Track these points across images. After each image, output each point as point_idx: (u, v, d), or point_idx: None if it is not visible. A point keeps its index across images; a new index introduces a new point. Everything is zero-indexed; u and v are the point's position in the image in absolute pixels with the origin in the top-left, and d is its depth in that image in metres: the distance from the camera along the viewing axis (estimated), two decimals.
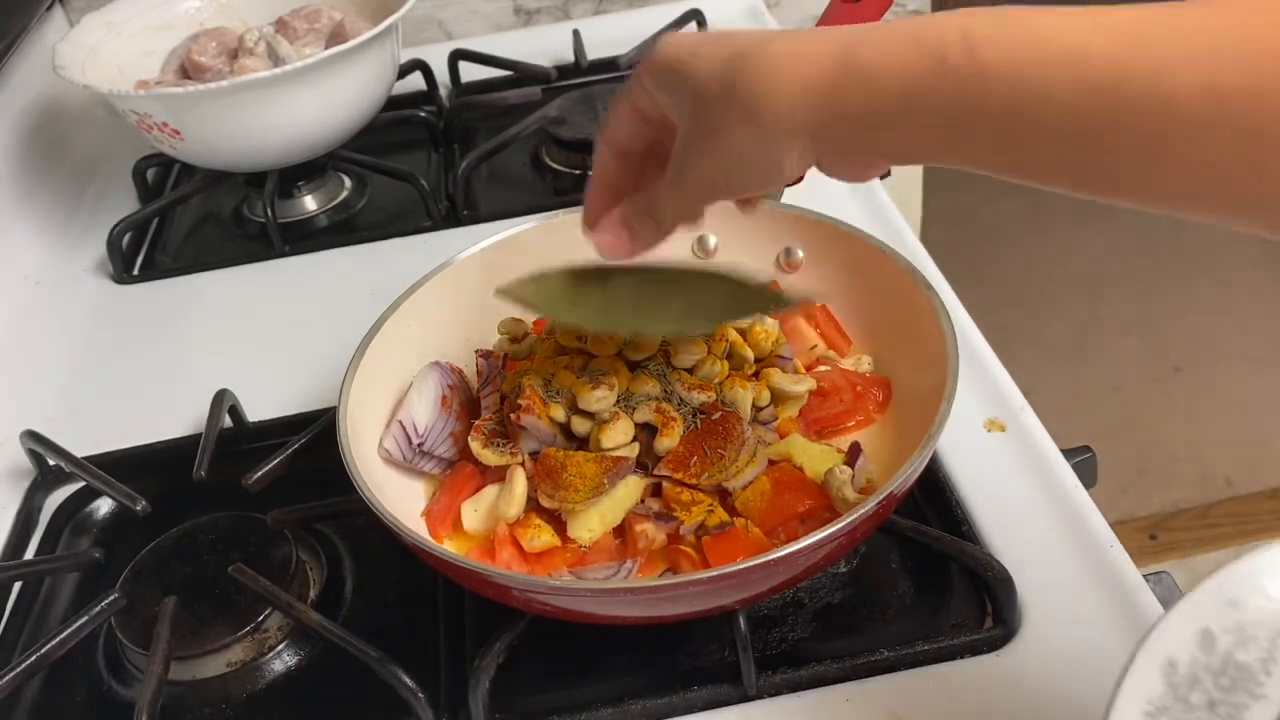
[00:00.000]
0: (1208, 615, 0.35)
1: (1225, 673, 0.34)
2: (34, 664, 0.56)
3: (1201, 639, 0.34)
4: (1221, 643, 0.34)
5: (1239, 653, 0.34)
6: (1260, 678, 0.34)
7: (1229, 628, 0.35)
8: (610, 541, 0.56)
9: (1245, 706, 0.33)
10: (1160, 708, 0.33)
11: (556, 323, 0.61)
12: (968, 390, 0.68)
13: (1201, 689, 0.33)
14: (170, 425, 0.75)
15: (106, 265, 0.94)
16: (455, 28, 1.28)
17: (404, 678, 0.54)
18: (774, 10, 1.24)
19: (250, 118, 0.86)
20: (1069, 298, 2.18)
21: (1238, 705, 0.33)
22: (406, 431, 0.61)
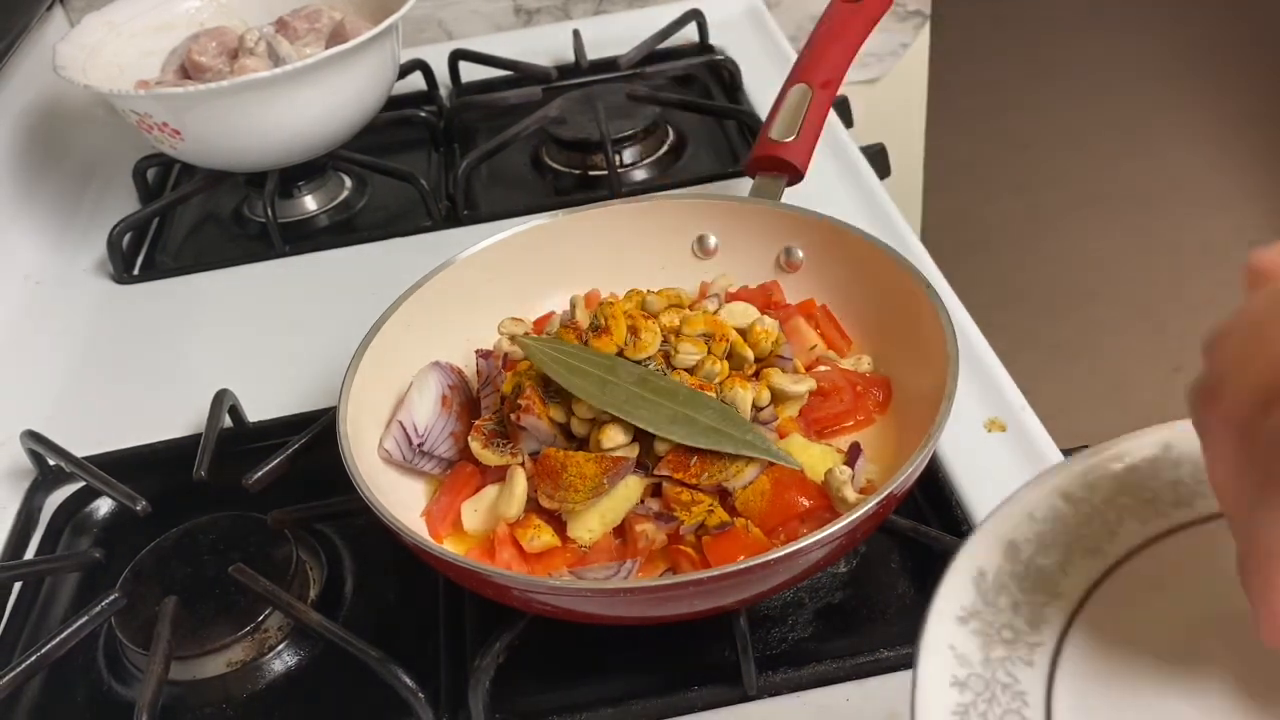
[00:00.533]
0: (1012, 529, 0.39)
1: (1028, 577, 0.38)
2: (34, 664, 0.56)
3: (1007, 549, 0.38)
4: (1024, 551, 0.38)
5: (1039, 558, 0.38)
6: (1058, 578, 0.38)
7: (1030, 538, 0.38)
8: (610, 541, 0.57)
9: (1045, 604, 0.37)
10: (972, 612, 0.36)
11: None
12: (968, 390, 0.68)
13: (1007, 593, 0.37)
14: (170, 425, 0.75)
15: (106, 265, 0.94)
16: (455, 28, 1.28)
17: (404, 678, 0.54)
18: (774, 10, 1.24)
19: (250, 118, 0.86)
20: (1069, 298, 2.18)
21: (1038, 604, 0.37)
22: (406, 431, 0.61)
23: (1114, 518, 0.39)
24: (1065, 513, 0.39)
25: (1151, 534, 0.39)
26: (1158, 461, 0.40)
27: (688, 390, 0.57)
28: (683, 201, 0.73)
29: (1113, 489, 0.40)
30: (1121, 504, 0.40)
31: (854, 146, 0.95)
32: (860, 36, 0.81)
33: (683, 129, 1.02)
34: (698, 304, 0.67)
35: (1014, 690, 0.35)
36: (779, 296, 0.70)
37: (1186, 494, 0.40)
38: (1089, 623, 0.37)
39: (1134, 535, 0.39)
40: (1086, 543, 0.39)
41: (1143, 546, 0.39)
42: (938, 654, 0.35)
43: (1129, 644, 0.36)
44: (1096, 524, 0.39)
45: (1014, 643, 0.36)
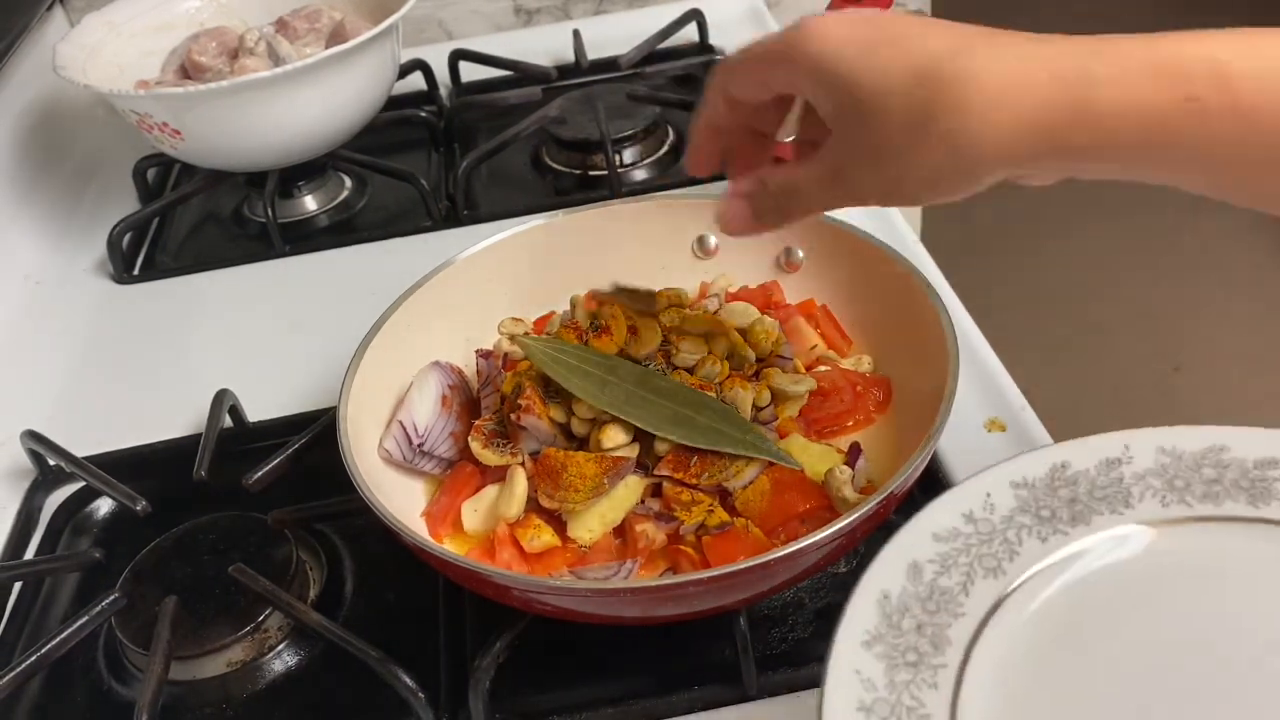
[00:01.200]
0: (915, 550, 0.39)
1: (931, 598, 0.38)
2: (34, 664, 0.56)
3: (910, 571, 0.39)
4: (927, 572, 0.39)
5: (942, 579, 0.39)
6: (960, 598, 0.38)
7: (933, 558, 0.39)
8: (610, 541, 0.57)
9: (948, 625, 0.38)
10: (876, 636, 0.37)
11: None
12: (968, 390, 0.68)
13: (911, 615, 0.38)
14: (170, 425, 0.75)
15: (106, 265, 0.94)
16: (455, 28, 1.28)
17: (404, 678, 0.54)
18: (774, 10, 1.24)
19: (250, 118, 0.86)
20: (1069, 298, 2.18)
21: (941, 625, 0.38)
22: (407, 431, 0.61)
23: (1014, 537, 0.40)
24: (967, 532, 0.40)
25: (1050, 551, 0.40)
26: (1054, 479, 0.41)
27: (688, 390, 0.57)
28: (683, 201, 0.73)
29: (1013, 508, 0.41)
30: (1021, 523, 0.40)
31: None
32: None
33: (683, 129, 1.02)
34: (698, 304, 0.67)
35: (919, 714, 0.35)
36: (779, 296, 0.70)
37: (1083, 511, 0.41)
38: (991, 642, 0.37)
39: (1034, 554, 0.40)
40: (988, 562, 0.39)
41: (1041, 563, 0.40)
42: (844, 680, 0.36)
43: (1032, 662, 0.37)
44: (997, 543, 0.40)
45: (918, 665, 0.36)
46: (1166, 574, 0.39)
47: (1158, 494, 0.41)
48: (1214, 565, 0.39)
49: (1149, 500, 0.41)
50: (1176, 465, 0.42)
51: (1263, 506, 0.40)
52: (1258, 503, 0.40)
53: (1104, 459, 0.42)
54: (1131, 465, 0.42)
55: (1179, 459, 0.42)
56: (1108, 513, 0.41)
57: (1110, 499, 0.41)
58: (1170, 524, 0.40)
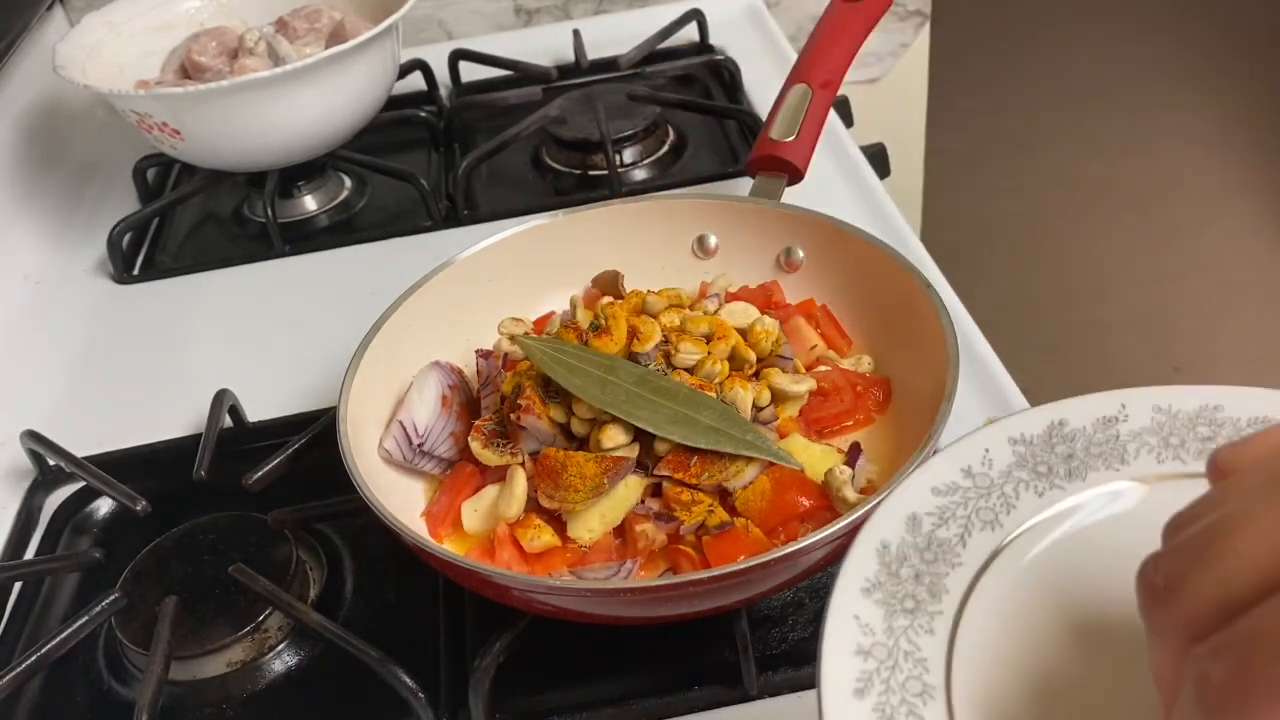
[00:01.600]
0: (914, 502, 0.40)
1: (929, 549, 0.39)
2: (34, 664, 0.56)
3: (909, 522, 0.39)
4: (925, 524, 0.40)
5: (940, 530, 0.39)
6: (958, 549, 0.39)
7: (931, 511, 0.40)
8: (610, 541, 0.57)
9: (945, 575, 0.38)
10: (875, 583, 0.38)
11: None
12: (968, 390, 0.68)
13: (909, 564, 0.38)
14: (170, 425, 0.75)
15: (106, 265, 0.94)
16: (455, 27, 1.28)
17: (404, 678, 0.54)
18: (774, 10, 1.24)
19: (250, 118, 0.86)
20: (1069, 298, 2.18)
21: (939, 574, 0.38)
22: (406, 431, 0.61)
23: (1011, 491, 0.41)
24: (965, 486, 0.41)
25: (1046, 505, 0.41)
26: (1052, 436, 0.42)
27: (688, 390, 0.57)
28: (683, 201, 0.73)
29: (1010, 463, 0.42)
30: (1018, 478, 0.41)
31: (854, 146, 0.95)
32: (860, 36, 0.81)
33: (683, 129, 1.02)
34: (698, 304, 0.67)
35: (916, 658, 0.36)
36: (779, 296, 0.70)
37: (1079, 467, 0.41)
38: (987, 591, 0.38)
39: (1031, 508, 0.41)
40: (985, 515, 0.40)
41: (1038, 516, 0.40)
42: (843, 624, 0.36)
43: (1025, 611, 0.38)
44: (995, 497, 0.41)
45: (915, 612, 0.37)
46: (1159, 528, 0.41)
47: (1153, 451, 0.42)
48: None
49: (1144, 457, 0.42)
50: (1172, 423, 0.42)
51: None
52: None
53: (1101, 417, 0.43)
54: (1128, 423, 0.43)
55: (1174, 417, 0.42)
56: (1104, 469, 0.41)
57: (1106, 455, 0.42)
58: (1164, 480, 0.41)
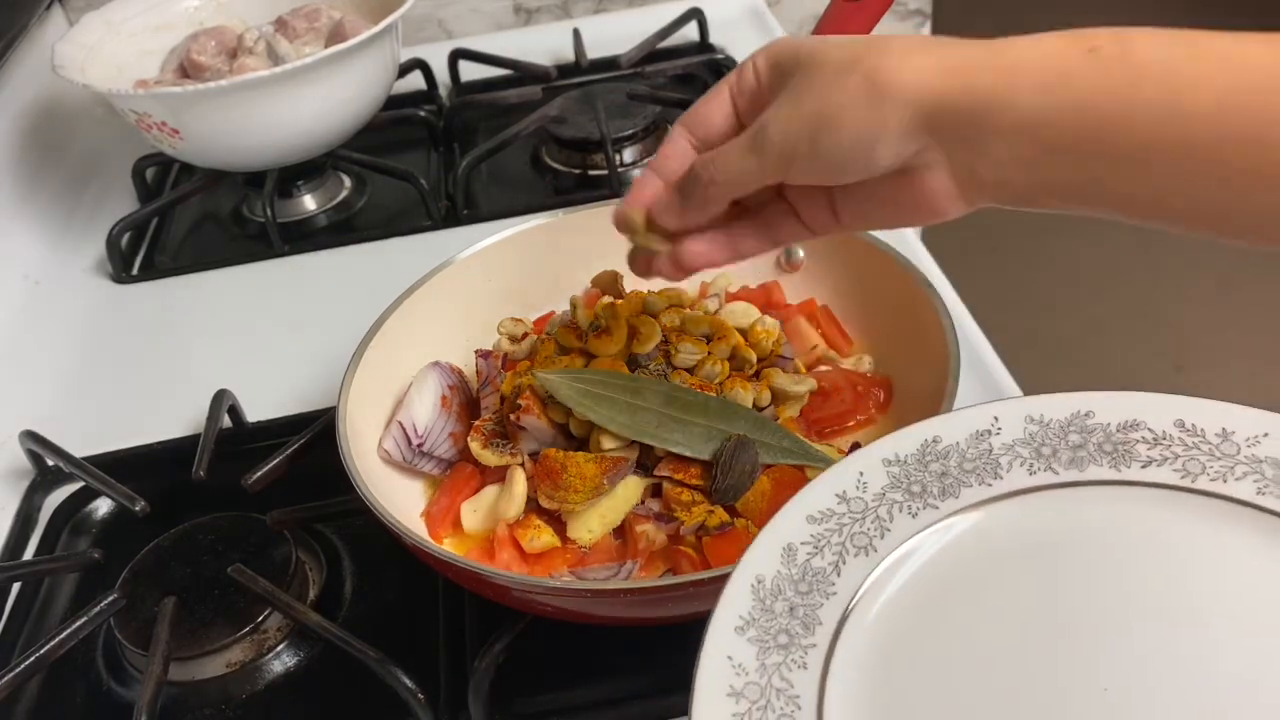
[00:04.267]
0: (789, 533, 0.40)
1: (804, 579, 0.38)
2: (34, 664, 0.56)
3: (785, 553, 0.39)
4: (800, 554, 0.39)
5: (814, 560, 0.39)
6: (833, 578, 0.39)
7: (806, 540, 0.39)
8: (610, 542, 0.56)
9: (820, 605, 0.38)
10: (749, 620, 0.37)
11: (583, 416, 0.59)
12: (968, 390, 0.68)
13: (784, 598, 0.38)
14: (170, 425, 0.75)
15: (106, 265, 0.94)
16: (455, 27, 1.28)
17: (404, 678, 0.54)
18: (774, 9, 1.24)
19: (250, 117, 0.86)
20: (1069, 298, 2.18)
21: (813, 605, 0.38)
22: (406, 432, 0.61)
23: (885, 514, 0.40)
24: (840, 512, 0.40)
25: (921, 526, 0.40)
26: (925, 455, 0.42)
27: (718, 402, 0.57)
28: None
29: (885, 485, 0.41)
30: (892, 500, 0.41)
31: None
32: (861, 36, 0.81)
33: None
34: (698, 304, 0.67)
35: (788, 695, 0.35)
36: (779, 296, 0.69)
37: (953, 485, 0.41)
38: (861, 619, 0.38)
39: (905, 529, 0.40)
40: (859, 541, 0.40)
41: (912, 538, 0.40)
42: (715, 665, 0.36)
43: (899, 636, 0.38)
44: (869, 521, 0.40)
45: (789, 647, 0.37)
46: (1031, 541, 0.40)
47: (1025, 463, 0.42)
48: (1077, 528, 0.40)
49: (1017, 469, 0.42)
50: (1044, 433, 0.42)
51: (1124, 469, 0.41)
52: (1119, 466, 0.41)
53: (974, 431, 0.43)
54: (1000, 436, 0.42)
55: (1046, 427, 0.43)
56: (977, 484, 0.41)
57: (979, 470, 0.42)
58: (1037, 491, 0.41)
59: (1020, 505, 0.41)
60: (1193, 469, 0.40)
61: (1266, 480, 0.39)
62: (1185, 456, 0.41)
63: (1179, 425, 0.42)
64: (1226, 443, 0.41)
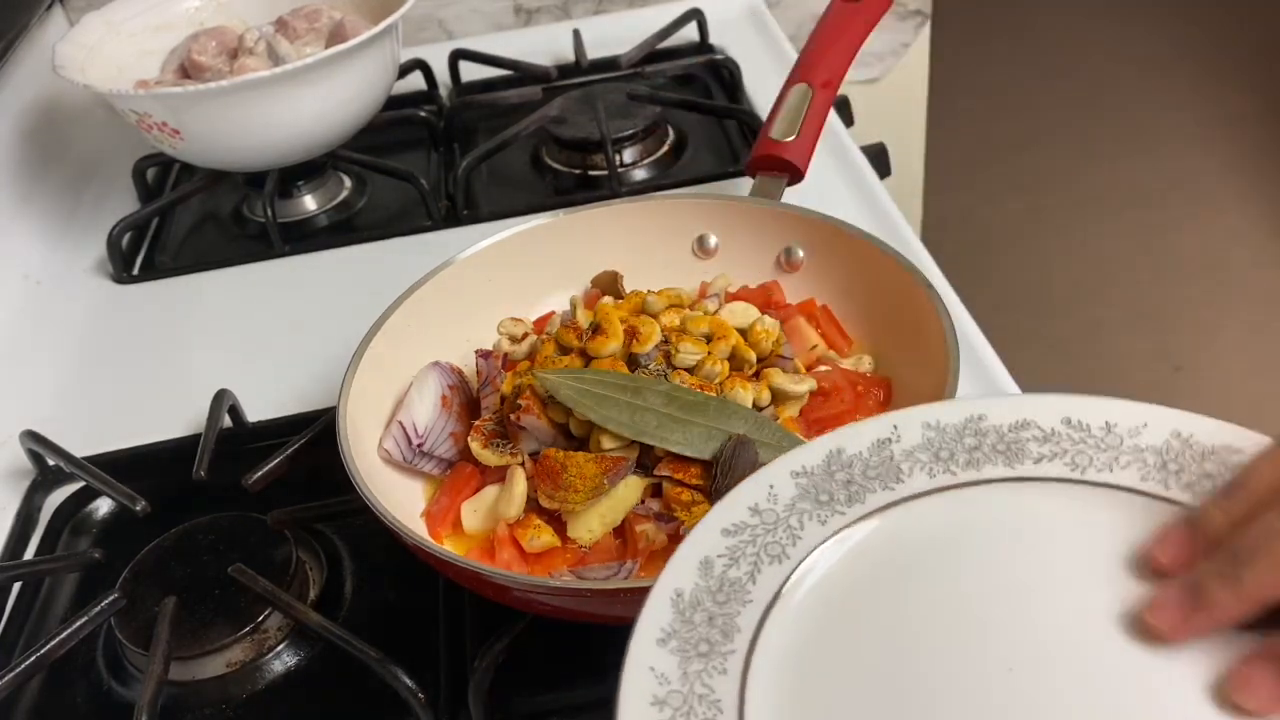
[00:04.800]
0: (707, 546, 0.41)
1: (721, 590, 0.40)
2: (34, 664, 0.56)
3: (702, 567, 0.40)
4: (717, 566, 0.40)
5: (731, 571, 0.40)
6: (748, 587, 0.40)
7: (722, 552, 0.41)
8: (610, 542, 0.56)
9: (737, 614, 0.39)
10: (670, 632, 0.38)
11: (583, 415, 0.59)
12: (968, 390, 0.68)
13: (702, 609, 0.39)
14: (170, 425, 0.75)
15: (106, 265, 0.94)
16: (455, 27, 1.28)
17: (404, 678, 0.54)
18: (774, 10, 1.24)
19: (250, 117, 0.86)
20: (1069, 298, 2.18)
21: (731, 614, 0.39)
22: (406, 432, 0.61)
23: (796, 523, 0.42)
24: (753, 524, 0.42)
25: (830, 532, 0.42)
26: (831, 465, 0.44)
27: (718, 402, 0.57)
28: (683, 201, 0.73)
29: (794, 496, 0.43)
30: (802, 509, 0.42)
31: (854, 146, 0.95)
32: (860, 36, 0.81)
33: (683, 129, 1.02)
34: (698, 304, 0.67)
35: (709, 700, 0.37)
36: (779, 296, 0.69)
37: (858, 492, 0.43)
38: (777, 623, 0.39)
39: (815, 536, 0.42)
40: (772, 550, 0.41)
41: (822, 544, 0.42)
42: (638, 676, 0.37)
43: (814, 638, 0.39)
44: (780, 531, 0.42)
45: (709, 654, 0.38)
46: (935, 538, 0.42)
47: (925, 466, 0.44)
48: (977, 523, 0.42)
49: (918, 473, 0.44)
50: (941, 438, 0.44)
51: (1018, 465, 0.43)
52: (1013, 463, 0.43)
53: (875, 440, 0.44)
54: (900, 443, 0.44)
55: (942, 432, 0.44)
56: (880, 489, 0.43)
57: (883, 476, 0.44)
58: (938, 492, 0.43)
59: (923, 506, 0.43)
60: (1081, 461, 0.43)
61: (1148, 467, 0.42)
62: (1074, 451, 0.43)
63: (1066, 422, 0.44)
64: (1110, 435, 0.43)
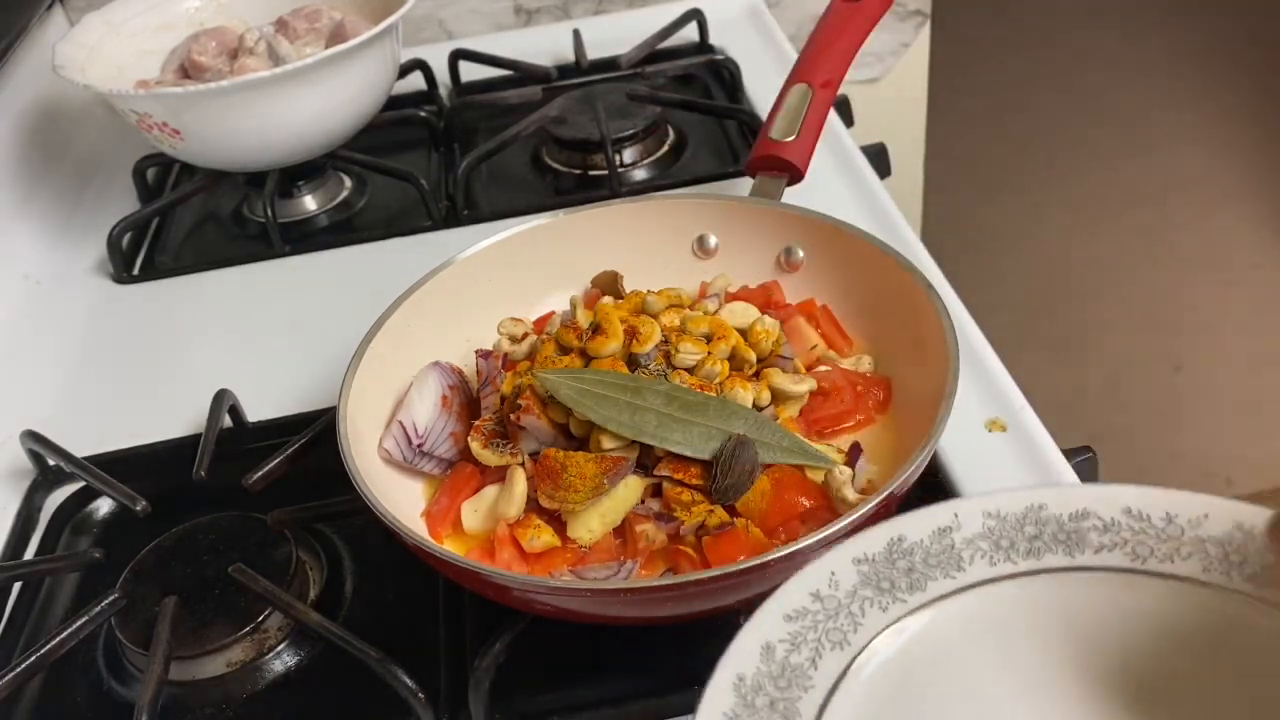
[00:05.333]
0: (768, 630, 0.41)
1: (783, 675, 0.40)
2: (34, 664, 0.56)
3: (763, 652, 0.41)
4: (778, 651, 0.41)
5: (792, 656, 0.41)
6: (810, 672, 0.41)
7: (784, 638, 0.41)
8: (610, 541, 0.57)
9: (798, 699, 0.40)
10: (733, 716, 0.39)
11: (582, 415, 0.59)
12: (968, 390, 0.68)
13: (764, 693, 0.40)
14: (170, 425, 0.75)
15: (106, 265, 0.94)
16: (455, 27, 1.28)
17: (404, 678, 0.54)
18: (774, 10, 1.24)
19: (250, 118, 0.86)
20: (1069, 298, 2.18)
21: (792, 699, 0.40)
22: (406, 432, 0.61)
23: (858, 609, 0.43)
24: (814, 610, 0.42)
25: (891, 619, 0.43)
26: (892, 552, 0.44)
27: (718, 402, 0.57)
28: (683, 201, 0.73)
29: (855, 582, 0.43)
30: (864, 596, 0.43)
31: (854, 146, 0.95)
32: (860, 36, 0.81)
33: (683, 129, 1.02)
34: (698, 304, 0.67)
35: None
36: (779, 296, 0.70)
37: (919, 579, 0.44)
38: (839, 710, 0.40)
39: (876, 623, 0.43)
40: (834, 636, 0.42)
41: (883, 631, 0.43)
42: None
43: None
44: (842, 617, 0.42)
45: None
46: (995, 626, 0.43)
47: (985, 555, 0.44)
48: (1038, 611, 0.43)
49: (978, 562, 0.44)
50: (1001, 527, 0.45)
51: (1078, 555, 0.44)
52: (1074, 552, 0.44)
53: (936, 528, 0.45)
54: (961, 531, 0.45)
55: (1003, 521, 0.45)
56: (942, 577, 0.44)
57: (944, 564, 0.44)
58: (998, 581, 0.44)
59: (983, 594, 0.44)
60: (1142, 552, 0.43)
61: (1211, 559, 0.42)
62: (1134, 541, 0.43)
63: (1126, 512, 0.44)
64: (1171, 525, 0.43)
